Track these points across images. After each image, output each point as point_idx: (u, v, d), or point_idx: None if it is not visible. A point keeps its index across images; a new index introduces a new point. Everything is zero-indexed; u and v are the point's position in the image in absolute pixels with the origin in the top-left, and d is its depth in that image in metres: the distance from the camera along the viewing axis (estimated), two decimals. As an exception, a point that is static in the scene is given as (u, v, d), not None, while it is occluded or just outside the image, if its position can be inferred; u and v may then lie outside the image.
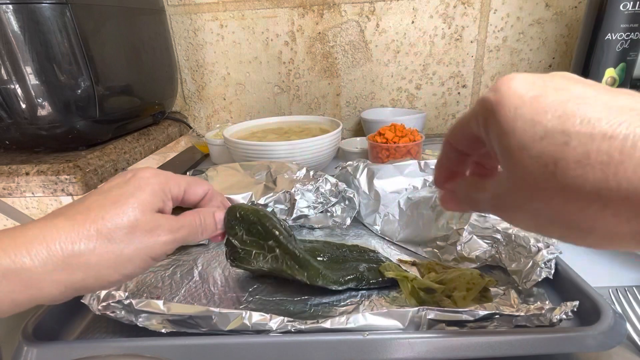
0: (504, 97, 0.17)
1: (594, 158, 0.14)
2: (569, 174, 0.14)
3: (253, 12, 0.82)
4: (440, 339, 0.27)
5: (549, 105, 0.15)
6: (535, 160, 0.15)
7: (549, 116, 0.15)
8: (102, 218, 0.22)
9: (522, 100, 0.16)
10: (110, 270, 0.22)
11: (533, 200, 0.16)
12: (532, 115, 0.16)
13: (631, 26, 0.60)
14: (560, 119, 0.15)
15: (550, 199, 0.16)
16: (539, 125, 0.15)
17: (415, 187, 0.46)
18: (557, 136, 0.15)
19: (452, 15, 0.79)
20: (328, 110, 0.91)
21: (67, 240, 0.21)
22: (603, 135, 0.14)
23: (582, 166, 0.14)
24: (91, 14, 0.56)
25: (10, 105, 0.52)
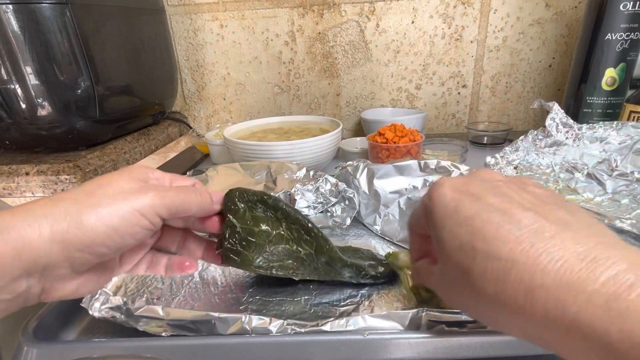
0: (435, 206, 0.20)
1: (489, 274, 0.17)
2: (476, 283, 0.17)
3: (253, 12, 0.82)
4: (440, 339, 0.27)
5: (463, 220, 0.18)
6: (456, 266, 0.18)
7: (463, 230, 0.18)
8: (83, 185, 0.23)
9: (446, 212, 0.19)
10: (92, 219, 0.21)
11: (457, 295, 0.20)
12: (453, 227, 0.19)
13: (631, 26, 0.60)
14: (471, 235, 0.18)
15: (468, 298, 0.19)
16: (457, 239, 0.18)
17: (415, 187, 0.46)
18: (468, 251, 0.18)
19: (452, 15, 0.79)
20: (328, 110, 0.91)
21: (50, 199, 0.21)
22: (494, 256, 0.17)
23: (483, 279, 0.17)
24: (91, 14, 0.56)
25: (10, 105, 0.52)
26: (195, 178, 0.50)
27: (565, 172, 0.54)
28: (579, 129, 0.55)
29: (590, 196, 0.49)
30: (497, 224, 0.17)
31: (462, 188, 0.20)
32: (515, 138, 0.59)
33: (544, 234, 0.16)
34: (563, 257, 0.15)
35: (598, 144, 0.54)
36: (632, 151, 0.51)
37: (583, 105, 0.67)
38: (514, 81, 0.84)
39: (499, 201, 0.18)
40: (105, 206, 0.21)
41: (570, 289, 0.15)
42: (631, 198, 0.46)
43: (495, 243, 0.17)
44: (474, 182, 0.20)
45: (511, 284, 0.16)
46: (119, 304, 0.30)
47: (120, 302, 0.30)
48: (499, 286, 0.16)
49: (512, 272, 0.16)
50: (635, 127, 0.52)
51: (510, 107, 0.87)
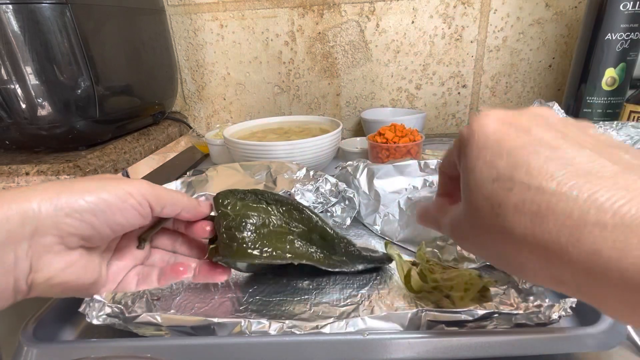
0: (474, 134, 0.18)
1: (527, 207, 0.15)
2: (508, 217, 0.16)
3: (253, 12, 0.82)
4: (440, 339, 0.27)
5: (506, 151, 0.16)
6: (486, 200, 0.17)
7: (504, 162, 0.16)
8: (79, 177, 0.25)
9: (487, 141, 0.17)
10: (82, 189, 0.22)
11: (479, 235, 0.18)
12: (491, 157, 0.17)
13: (631, 26, 0.60)
14: (511, 166, 0.16)
15: (493, 237, 0.17)
16: (494, 169, 0.17)
17: (415, 187, 0.46)
18: (505, 182, 0.16)
19: (452, 15, 0.79)
20: (328, 110, 0.91)
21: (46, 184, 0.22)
22: (537, 187, 0.15)
23: (518, 213, 0.15)
24: (91, 14, 0.56)
25: (10, 105, 0.52)
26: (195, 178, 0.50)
27: (565, 172, 0.54)
28: (579, 129, 0.55)
29: (590, 196, 0.49)
30: (547, 157, 0.15)
31: (510, 120, 0.18)
32: (515, 138, 0.59)
33: (602, 173, 0.14)
34: (626, 196, 0.13)
35: (598, 144, 0.54)
36: (632, 151, 0.51)
37: (583, 105, 0.67)
38: (514, 81, 0.84)
39: (552, 136, 0.16)
40: (96, 181, 0.23)
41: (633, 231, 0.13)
42: (631, 198, 0.46)
43: (541, 176, 0.15)
44: (526, 115, 0.18)
45: (555, 219, 0.14)
46: (116, 313, 0.30)
47: (117, 310, 0.30)
48: (537, 221, 0.15)
49: (558, 205, 0.14)
50: (635, 127, 0.52)
51: (510, 107, 0.87)
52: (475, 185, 0.17)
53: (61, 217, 0.21)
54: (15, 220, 0.19)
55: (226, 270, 0.30)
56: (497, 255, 0.18)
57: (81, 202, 0.21)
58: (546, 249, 0.15)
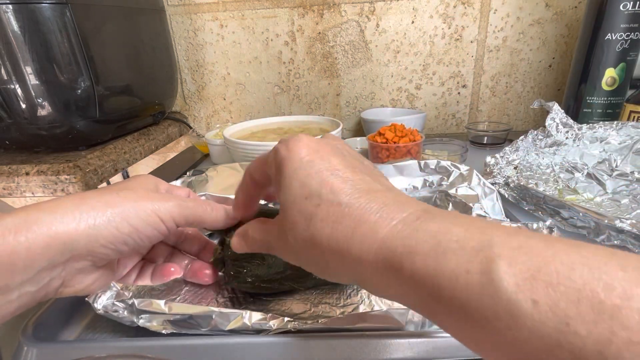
0: (291, 155, 0.22)
1: (330, 218, 0.19)
2: (316, 227, 0.20)
3: (253, 12, 0.82)
4: (440, 339, 0.27)
5: (315, 172, 0.20)
6: (300, 213, 0.20)
7: (313, 181, 0.20)
8: (106, 187, 0.25)
9: (301, 163, 0.21)
10: (119, 218, 0.23)
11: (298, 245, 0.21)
12: (303, 177, 0.21)
13: (631, 26, 0.60)
14: (319, 185, 0.20)
15: (307, 246, 0.20)
16: (306, 188, 0.20)
17: (415, 187, 0.46)
18: (314, 198, 0.20)
19: (452, 15, 0.79)
20: (328, 110, 0.91)
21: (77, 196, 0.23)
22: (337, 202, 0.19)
23: (323, 223, 0.19)
24: (91, 14, 0.56)
25: (10, 105, 0.52)
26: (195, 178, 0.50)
27: (565, 172, 0.54)
28: (579, 129, 0.55)
29: (590, 196, 0.49)
30: (343, 178, 0.20)
31: (316, 147, 0.22)
32: (515, 138, 0.59)
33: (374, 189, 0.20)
34: (384, 202, 0.19)
35: (598, 144, 0.54)
36: (632, 151, 0.51)
37: (583, 105, 0.67)
38: (514, 81, 0.84)
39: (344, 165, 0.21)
40: (131, 207, 0.23)
41: (383, 221, 0.18)
42: (631, 198, 0.47)
43: (338, 193, 0.20)
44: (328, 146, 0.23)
45: (345, 222, 0.19)
46: (123, 298, 0.30)
47: (125, 295, 0.30)
48: (335, 227, 0.19)
49: (347, 213, 0.19)
50: (635, 127, 0.52)
51: (510, 107, 0.87)
52: (292, 201, 0.21)
53: (96, 247, 0.22)
54: (55, 249, 0.21)
55: (213, 275, 0.32)
56: (313, 262, 0.21)
57: (115, 233, 0.23)
58: (339, 248, 0.19)
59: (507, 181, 0.49)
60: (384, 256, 0.17)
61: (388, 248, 0.17)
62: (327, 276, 0.22)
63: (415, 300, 0.17)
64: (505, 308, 0.13)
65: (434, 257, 0.16)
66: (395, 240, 0.17)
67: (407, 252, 0.17)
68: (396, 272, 0.17)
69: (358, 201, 0.19)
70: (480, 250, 0.15)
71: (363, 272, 0.19)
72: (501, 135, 0.74)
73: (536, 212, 0.45)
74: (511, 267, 0.14)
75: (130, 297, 0.30)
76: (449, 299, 0.15)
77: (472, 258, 0.15)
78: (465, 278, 0.15)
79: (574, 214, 0.41)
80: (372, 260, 0.18)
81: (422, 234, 0.17)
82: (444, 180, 0.46)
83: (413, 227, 0.17)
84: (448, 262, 0.15)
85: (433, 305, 0.16)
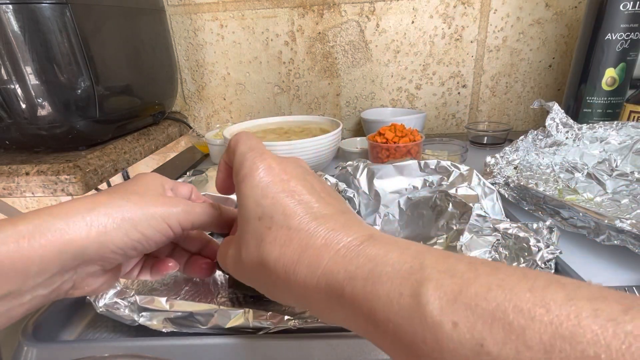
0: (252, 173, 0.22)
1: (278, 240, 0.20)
2: (266, 249, 0.20)
3: (253, 12, 0.82)
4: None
5: (269, 192, 0.21)
6: (252, 234, 0.21)
7: (268, 202, 0.21)
8: (113, 191, 0.24)
9: (260, 182, 0.21)
10: (128, 225, 0.23)
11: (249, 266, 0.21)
12: (259, 198, 0.21)
13: (631, 26, 0.60)
14: (273, 208, 0.20)
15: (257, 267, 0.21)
16: (260, 207, 0.21)
17: (415, 187, 0.46)
18: (266, 220, 0.20)
19: (452, 15, 0.79)
20: (328, 110, 0.91)
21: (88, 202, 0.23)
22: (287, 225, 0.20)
23: (272, 245, 0.20)
24: (91, 14, 0.56)
25: (10, 105, 0.52)
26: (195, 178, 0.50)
27: (565, 172, 0.54)
28: (579, 129, 0.55)
29: (590, 196, 0.49)
30: (296, 202, 0.20)
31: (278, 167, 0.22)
32: (515, 138, 0.59)
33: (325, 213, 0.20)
34: (332, 226, 0.19)
35: (598, 144, 0.54)
36: (632, 151, 0.51)
37: (583, 105, 0.67)
38: (514, 81, 0.84)
39: (303, 186, 0.22)
40: (141, 214, 0.23)
41: (327, 246, 0.19)
42: (631, 198, 0.47)
43: (290, 217, 0.20)
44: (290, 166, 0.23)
45: (292, 247, 0.19)
46: (125, 295, 0.30)
47: (127, 293, 0.31)
48: (283, 251, 0.19)
49: (295, 237, 0.19)
50: (635, 127, 0.52)
51: (510, 107, 0.87)
52: (247, 220, 0.21)
53: (107, 253, 0.23)
54: (68, 255, 0.21)
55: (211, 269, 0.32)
56: (261, 283, 0.22)
57: (125, 239, 0.23)
58: (286, 272, 0.19)
59: (507, 181, 0.49)
60: (327, 282, 0.18)
61: (331, 273, 0.18)
62: (275, 298, 0.22)
63: (356, 324, 0.17)
64: (430, 331, 0.14)
65: (372, 281, 0.16)
66: (337, 266, 0.18)
67: (348, 278, 0.17)
68: (338, 298, 0.17)
69: (307, 226, 0.19)
70: (412, 273, 0.15)
71: (308, 296, 0.19)
72: (501, 135, 0.74)
73: (536, 212, 0.45)
74: (437, 290, 0.14)
75: (132, 294, 0.30)
76: (384, 322, 0.15)
77: (404, 281, 0.15)
78: (398, 301, 0.15)
79: (574, 214, 0.41)
80: (315, 285, 0.18)
81: (362, 259, 0.17)
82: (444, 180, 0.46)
83: (355, 252, 0.18)
84: (383, 285, 0.16)
85: (370, 329, 0.16)
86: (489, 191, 0.42)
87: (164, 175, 0.29)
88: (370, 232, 0.19)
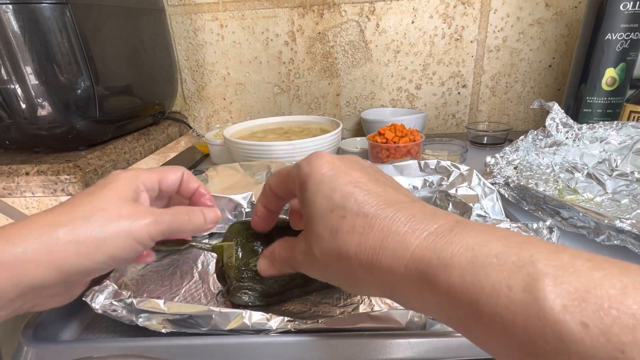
0: (313, 171, 0.22)
1: (356, 229, 0.19)
2: (343, 239, 0.20)
3: (253, 12, 0.82)
4: (440, 339, 0.27)
5: (338, 186, 0.21)
6: (325, 227, 0.21)
7: (338, 195, 0.21)
8: (77, 205, 0.23)
9: (323, 178, 0.21)
10: (92, 248, 0.22)
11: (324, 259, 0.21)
12: (328, 191, 0.21)
13: (631, 26, 0.60)
14: (343, 198, 0.20)
15: (334, 259, 0.21)
16: (331, 201, 0.21)
17: (415, 187, 0.46)
18: (339, 211, 0.20)
19: (452, 15, 0.79)
20: (328, 110, 0.91)
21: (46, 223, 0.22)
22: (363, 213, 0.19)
23: (349, 234, 0.19)
24: (91, 14, 0.56)
25: (10, 105, 0.52)
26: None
27: (565, 172, 0.54)
28: (579, 129, 0.55)
29: (590, 196, 0.49)
30: (367, 190, 0.21)
31: (337, 163, 0.22)
32: (515, 138, 0.59)
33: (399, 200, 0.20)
34: (412, 213, 0.19)
35: (598, 144, 0.54)
36: (632, 151, 0.51)
37: (583, 105, 0.67)
38: (514, 81, 0.84)
39: (367, 178, 0.22)
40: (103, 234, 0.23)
41: (413, 232, 0.18)
42: (631, 198, 0.47)
43: (364, 204, 0.20)
44: (348, 161, 0.23)
45: (373, 233, 0.19)
46: (121, 297, 0.30)
47: (124, 295, 0.30)
48: (363, 239, 0.19)
49: (375, 224, 0.19)
50: (635, 127, 0.52)
51: (510, 107, 0.87)
52: (317, 215, 0.21)
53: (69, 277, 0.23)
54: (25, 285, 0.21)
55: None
56: (341, 275, 0.22)
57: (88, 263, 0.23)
58: (368, 260, 0.19)
59: (507, 181, 0.49)
60: (417, 268, 0.17)
61: (421, 259, 0.17)
62: (356, 290, 0.21)
63: (452, 315, 0.16)
64: (552, 329, 0.13)
65: (472, 271, 0.15)
66: (428, 252, 0.17)
67: (442, 265, 0.16)
68: (431, 285, 0.17)
69: (384, 212, 0.19)
70: (522, 266, 0.14)
71: (394, 283, 0.18)
72: (501, 135, 0.74)
73: (536, 212, 0.45)
74: (557, 287, 0.13)
75: (129, 296, 0.30)
76: (490, 316, 0.14)
77: (513, 275, 0.14)
78: (507, 295, 0.14)
79: (574, 214, 0.41)
80: (403, 271, 0.18)
81: (457, 247, 0.16)
82: (444, 180, 0.46)
83: (446, 239, 0.17)
84: (487, 277, 0.15)
85: (472, 323, 0.15)
86: (489, 191, 0.43)
87: None
88: (456, 218, 0.18)
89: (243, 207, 0.43)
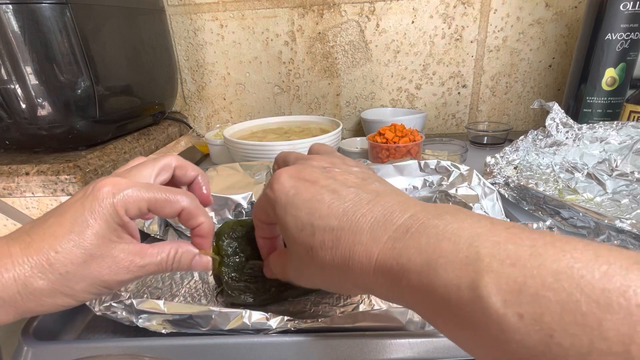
0: (277, 195, 0.22)
1: (326, 244, 0.20)
2: (318, 255, 0.21)
3: (253, 12, 0.82)
4: (440, 339, 0.27)
5: (302, 203, 0.21)
6: (300, 246, 0.22)
7: (303, 212, 0.21)
8: (55, 252, 0.21)
9: (287, 198, 0.22)
10: (59, 297, 0.22)
11: (307, 271, 0.23)
12: (294, 211, 0.21)
13: (631, 26, 0.60)
14: (309, 215, 0.21)
15: (315, 270, 0.22)
16: (299, 220, 0.21)
17: (415, 187, 0.46)
18: (308, 229, 0.21)
19: (452, 15, 0.79)
20: (328, 110, 0.91)
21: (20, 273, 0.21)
22: (329, 227, 0.20)
23: (322, 250, 0.21)
24: (91, 14, 0.56)
25: (10, 105, 0.52)
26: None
27: (565, 172, 0.54)
28: (579, 129, 0.55)
29: (590, 196, 0.49)
30: (329, 202, 0.21)
31: (298, 176, 0.22)
32: (515, 138, 0.59)
33: (362, 203, 0.20)
34: (373, 216, 0.19)
35: (598, 144, 0.54)
36: (632, 151, 0.51)
37: (583, 105, 0.67)
38: (514, 81, 0.84)
39: (329, 183, 0.22)
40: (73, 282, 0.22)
41: (374, 240, 0.19)
42: (631, 198, 0.47)
43: (329, 218, 0.20)
44: (307, 170, 0.23)
45: (342, 247, 0.20)
46: (121, 299, 0.30)
47: (123, 296, 0.30)
48: (334, 252, 0.20)
49: (341, 237, 0.20)
50: (635, 127, 0.52)
51: (510, 107, 0.87)
52: (291, 237, 0.22)
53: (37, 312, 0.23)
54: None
55: None
56: (326, 284, 0.23)
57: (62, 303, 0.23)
58: (342, 270, 0.20)
59: (507, 181, 0.49)
60: (383, 275, 0.18)
61: (384, 267, 0.18)
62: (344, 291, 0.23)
63: (421, 313, 0.18)
64: (495, 322, 0.14)
65: (426, 273, 0.16)
66: (389, 260, 0.18)
67: (402, 271, 0.17)
68: (397, 288, 0.18)
69: (349, 221, 0.20)
70: (468, 264, 0.15)
71: (369, 285, 0.20)
72: (501, 135, 0.74)
73: (536, 212, 0.45)
74: (498, 282, 0.14)
75: (128, 297, 0.30)
76: (445, 312, 0.16)
77: (461, 273, 0.15)
78: (456, 294, 0.15)
79: (574, 214, 0.41)
80: (373, 277, 0.19)
81: (412, 250, 0.17)
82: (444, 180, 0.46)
83: (403, 243, 0.18)
84: (439, 278, 0.16)
85: (439, 321, 0.17)
86: (489, 191, 0.43)
87: None
88: (411, 212, 0.19)
89: (243, 207, 0.43)
